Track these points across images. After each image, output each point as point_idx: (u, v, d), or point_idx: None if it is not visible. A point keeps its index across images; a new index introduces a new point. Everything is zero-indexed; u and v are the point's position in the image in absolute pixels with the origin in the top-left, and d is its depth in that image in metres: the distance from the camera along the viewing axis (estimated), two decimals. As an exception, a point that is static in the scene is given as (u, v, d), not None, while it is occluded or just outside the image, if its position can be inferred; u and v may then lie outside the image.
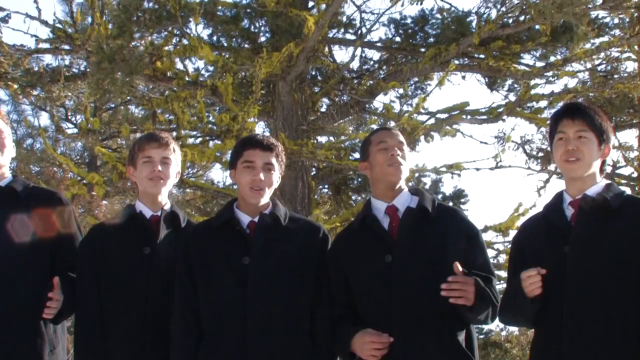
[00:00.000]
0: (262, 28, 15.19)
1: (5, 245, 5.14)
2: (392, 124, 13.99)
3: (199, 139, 15.53)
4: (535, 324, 4.78)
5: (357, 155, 16.03)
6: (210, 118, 14.42)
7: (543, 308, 4.59)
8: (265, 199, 5.12)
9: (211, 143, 14.98)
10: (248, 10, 14.67)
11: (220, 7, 14.41)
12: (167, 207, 5.41)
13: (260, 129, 16.20)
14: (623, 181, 17.75)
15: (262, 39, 15.17)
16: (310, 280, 5.00)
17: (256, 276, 4.87)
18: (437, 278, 4.64)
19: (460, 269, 4.61)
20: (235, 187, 11.56)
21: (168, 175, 5.35)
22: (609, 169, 17.06)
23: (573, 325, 4.44)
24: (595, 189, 4.70)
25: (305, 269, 5.00)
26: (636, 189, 16.27)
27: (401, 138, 5.14)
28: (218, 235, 5.06)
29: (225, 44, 15.28)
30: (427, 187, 18.04)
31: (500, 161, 14.56)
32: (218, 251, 4.99)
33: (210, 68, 15.29)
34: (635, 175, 17.74)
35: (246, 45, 15.03)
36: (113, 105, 23.59)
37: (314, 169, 15.46)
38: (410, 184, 5.26)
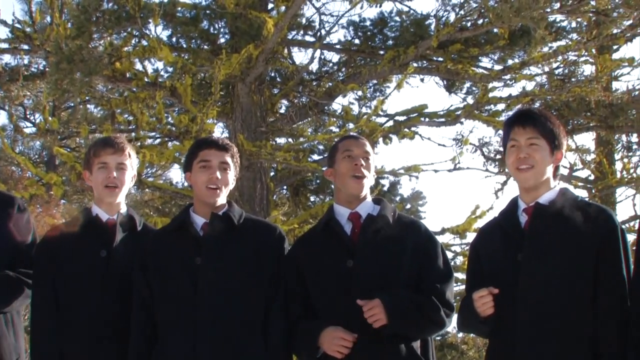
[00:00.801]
0: (222, 29, 15.19)
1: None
2: (350, 126, 14.07)
3: (158, 140, 15.50)
4: (490, 333, 4.78)
5: (315, 157, 16.08)
6: (169, 119, 14.39)
7: (498, 317, 4.57)
8: (221, 199, 5.14)
9: (170, 144, 14.99)
10: (207, 11, 14.67)
11: (179, 8, 14.41)
12: (124, 210, 5.40)
13: (219, 130, 16.21)
14: (580, 184, 17.92)
15: (222, 40, 15.17)
16: (264, 280, 5.00)
17: (206, 276, 4.89)
18: (393, 285, 4.76)
19: (361, 302, 4.67)
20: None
21: (123, 181, 5.33)
22: (565, 172, 17.23)
23: (526, 336, 4.44)
24: (549, 195, 4.69)
25: (260, 268, 5.00)
26: (593, 191, 16.40)
27: (368, 148, 5.15)
28: (173, 238, 5.09)
29: (185, 45, 15.26)
30: (385, 189, 18.11)
31: (458, 163, 14.63)
32: (173, 253, 5.01)
33: (170, 69, 15.25)
34: (592, 177, 17.91)
35: (205, 47, 15.02)
36: (72, 105, 23.52)
37: (272, 170, 15.46)
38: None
